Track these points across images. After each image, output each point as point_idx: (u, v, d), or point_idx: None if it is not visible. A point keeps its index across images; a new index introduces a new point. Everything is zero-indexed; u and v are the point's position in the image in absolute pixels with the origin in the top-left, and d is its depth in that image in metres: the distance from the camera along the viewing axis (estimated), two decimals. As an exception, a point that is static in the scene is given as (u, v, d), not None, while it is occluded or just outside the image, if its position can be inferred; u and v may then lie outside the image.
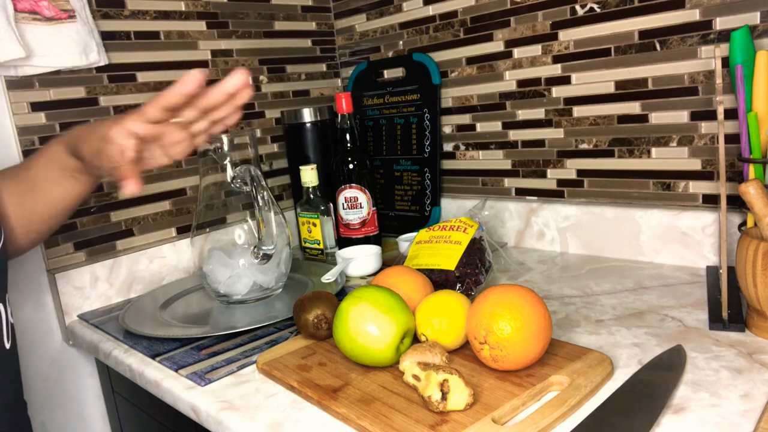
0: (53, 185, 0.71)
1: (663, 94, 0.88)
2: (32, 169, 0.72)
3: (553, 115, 1.00)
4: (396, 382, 0.60)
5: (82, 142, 0.65)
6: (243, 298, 0.88)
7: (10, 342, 0.59)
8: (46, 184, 0.71)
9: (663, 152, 0.89)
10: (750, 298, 0.63)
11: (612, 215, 0.95)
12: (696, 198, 0.88)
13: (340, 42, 1.34)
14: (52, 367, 0.97)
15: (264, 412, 0.60)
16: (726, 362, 0.59)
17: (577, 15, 0.94)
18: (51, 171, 0.71)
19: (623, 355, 0.63)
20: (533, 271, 0.93)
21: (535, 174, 1.06)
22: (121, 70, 1.02)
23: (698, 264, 0.87)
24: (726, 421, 0.50)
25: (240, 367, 0.70)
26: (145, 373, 0.74)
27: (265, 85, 1.22)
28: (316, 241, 1.09)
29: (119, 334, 0.85)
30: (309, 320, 0.71)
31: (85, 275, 0.97)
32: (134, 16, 1.03)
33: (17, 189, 0.71)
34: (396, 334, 0.61)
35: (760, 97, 0.69)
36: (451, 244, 0.82)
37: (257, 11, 1.20)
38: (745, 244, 0.62)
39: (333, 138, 1.17)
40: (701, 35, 0.82)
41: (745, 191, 0.62)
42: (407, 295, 0.70)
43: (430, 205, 1.18)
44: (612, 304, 0.77)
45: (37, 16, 0.90)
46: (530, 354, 0.57)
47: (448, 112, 1.16)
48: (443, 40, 1.14)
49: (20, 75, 0.91)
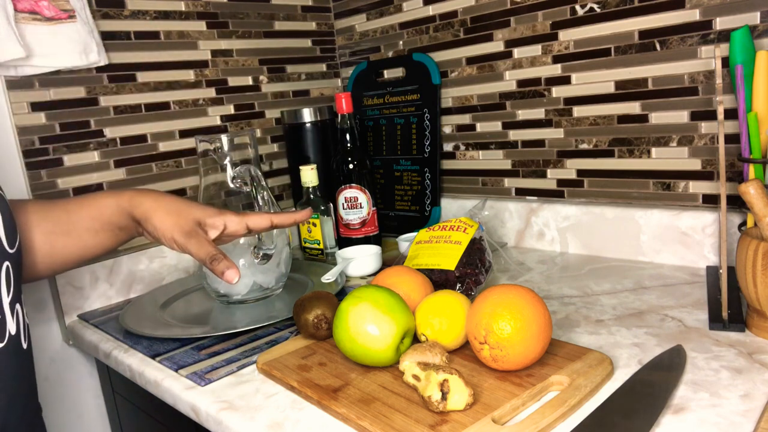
0: (90, 235, 0.69)
1: (663, 94, 0.88)
2: (74, 214, 0.69)
3: (553, 115, 1.00)
4: (396, 382, 0.60)
5: (152, 214, 0.66)
6: (243, 298, 0.88)
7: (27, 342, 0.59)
8: (83, 233, 0.69)
9: (663, 152, 0.89)
10: (750, 298, 0.63)
11: (612, 215, 0.95)
12: (696, 198, 0.88)
13: (340, 42, 1.34)
14: (52, 367, 0.97)
15: (264, 412, 0.60)
16: (726, 362, 0.59)
17: (577, 15, 0.94)
18: (94, 223, 0.69)
19: (623, 355, 0.63)
20: (533, 271, 0.93)
21: (535, 174, 1.06)
22: (121, 70, 1.02)
23: (698, 264, 0.87)
24: (726, 421, 0.50)
25: (240, 367, 0.70)
26: (145, 373, 0.74)
27: (265, 85, 1.22)
28: (316, 241, 1.09)
29: (119, 334, 0.85)
30: (309, 320, 0.71)
31: (85, 275, 0.97)
32: (134, 16, 1.03)
33: (51, 228, 0.68)
34: (396, 334, 0.61)
35: (760, 97, 0.69)
36: (451, 244, 0.82)
37: (257, 11, 1.20)
38: (745, 244, 0.62)
39: (333, 138, 1.17)
40: (701, 35, 0.82)
41: (745, 191, 0.62)
42: (407, 295, 0.70)
43: (430, 205, 1.18)
44: (612, 304, 0.77)
45: (37, 16, 0.90)
46: (530, 354, 0.57)
47: (448, 112, 1.16)
48: (443, 40, 1.14)
49: (20, 75, 0.91)
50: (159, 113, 1.07)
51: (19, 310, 0.58)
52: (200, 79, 1.12)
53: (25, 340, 0.59)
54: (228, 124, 1.17)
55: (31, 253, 0.67)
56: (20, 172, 0.93)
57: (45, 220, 0.68)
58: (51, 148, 0.95)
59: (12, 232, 0.58)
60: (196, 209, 0.68)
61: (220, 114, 1.15)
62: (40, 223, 0.68)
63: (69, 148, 0.97)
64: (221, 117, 1.16)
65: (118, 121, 1.02)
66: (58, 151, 0.96)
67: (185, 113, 1.11)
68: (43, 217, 0.68)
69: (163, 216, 0.66)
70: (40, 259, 0.68)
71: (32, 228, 0.68)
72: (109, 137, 1.02)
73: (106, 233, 0.70)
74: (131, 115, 1.04)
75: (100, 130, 1.01)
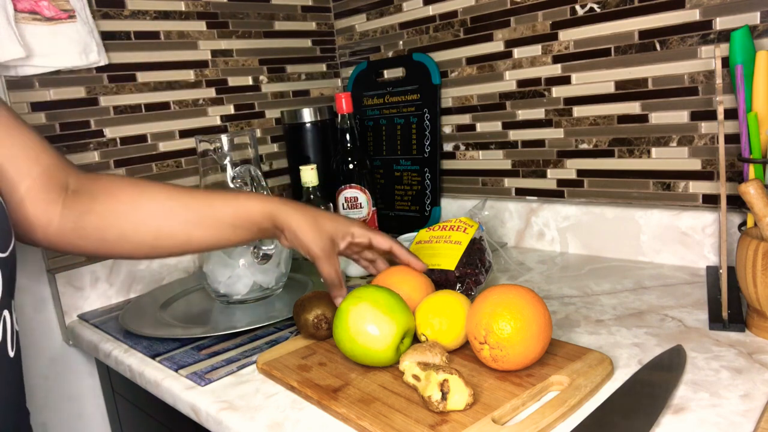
0: (231, 230, 0.71)
1: (663, 94, 0.88)
2: (218, 210, 0.71)
3: (553, 115, 1.00)
4: (396, 382, 0.60)
5: (297, 226, 0.71)
6: (243, 298, 0.88)
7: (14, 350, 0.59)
8: (225, 228, 0.71)
9: (663, 152, 0.89)
10: (750, 298, 0.63)
11: (612, 215, 0.95)
12: (696, 198, 0.88)
13: (340, 42, 1.34)
14: (52, 367, 0.97)
15: (264, 412, 0.60)
16: (726, 362, 0.59)
17: (577, 15, 0.94)
18: (237, 221, 0.71)
19: (623, 355, 0.63)
20: (533, 271, 0.93)
21: (535, 174, 1.06)
22: (121, 70, 1.02)
23: (698, 264, 0.87)
24: (726, 421, 0.50)
25: (240, 367, 0.70)
26: (145, 373, 0.74)
27: (265, 85, 1.22)
28: (316, 241, 1.09)
29: (119, 334, 0.85)
30: (309, 320, 0.71)
31: (85, 275, 0.97)
32: (134, 16, 1.03)
33: (194, 220, 0.70)
34: (396, 334, 0.61)
35: (760, 97, 0.69)
36: (451, 244, 0.82)
37: (257, 11, 1.20)
38: (745, 244, 0.62)
39: (333, 138, 1.17)
40: (701, 35, 0.82)
41: (745, 191, 0.62)
42: (407, 295, 0.70)
43: (430, 205, 1.18)
44: (612, 304, 0.77)
45: (37, 16, 0.90)
46: (530, 354, 0.57)
47: (448, 112, 1.16)
48: (443, 40, 1.14)
49: (20, 75, 0.91)
50: (159, 113, 1.07)
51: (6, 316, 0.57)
52: (200, 79, 1.12)
53: (13, 348, 0.58)
54: (228, 124, 1.17)
55: (168, 239, 0.70)
56: (20, 172, 0.93)
57: (186, 209, 0.70)
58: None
59: (5, 236, 0.56)
60: (328, 223, 0.73)
61: (220, 114, 1.15)
62: (179, 212, 0.70)
63: (69, 148, 0.97)
64: (221, 117, 1.16)
65: (118, 121, 1.02)
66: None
67: (185, 113, 1.11)
68: (185, 207, 0.70)
69: (306, 229, 0.71)
70: (176, 246, 0.71)
71: (171, 216, 0.69)
72: (109, 137, 1.02)
73: (245, 230, 0.72)
74: (131, 115, 1.04)
75: (100, 130, 1.01)
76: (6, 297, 0.57)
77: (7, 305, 0.57)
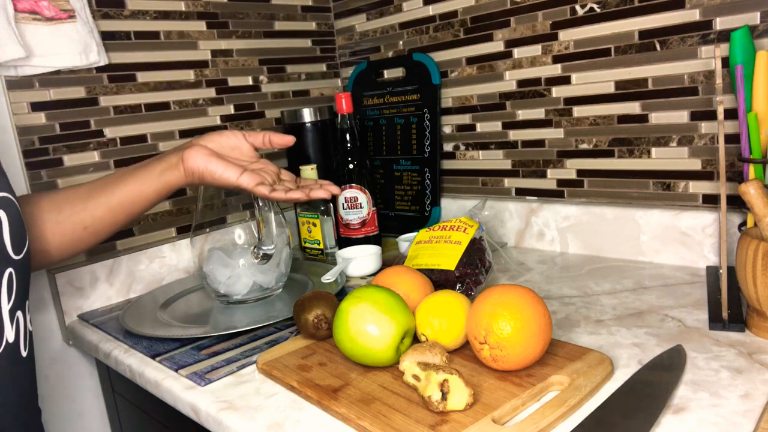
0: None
1: (663, 94, 0.88)
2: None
3: (553, 115, 1.00)
4: (396, 382, 0.60)
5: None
6: (243, 298, 0.88)
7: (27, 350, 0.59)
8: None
9: (663, 152, 0.89)
10: (750, 298, 0.63)
11: (612, 215, 0.95)
12: (696, 198, 0.88)
13: (340, 42, 1.34)
14: (52, 367, 0.97)
15: (264, 412, 0.60)
16: (726, 362, 0.59)
17: (577, 15, 0.94)
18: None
19: (623, 355, 0.63)
20: (533, 271, 0.93)
21: (535, 174, 1.06)
22: (121, 70, 1.02)
23: (698, 264, 0.87)
24: (726, 421, 0.50)
25: (240, 367, 0.70)
26: (145, 373, 0.74)
27: (265, 85, 1.22)
28: (316, 241, 1.09)
29: (119, 334, 0.85)
30: (309, 320, 0.71)
31: (85, 275, 0.97)
32: (134, 16, 1.03)
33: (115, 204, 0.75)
34: (396, 334, 0.61)
35: (760, 97, 0.69)
36: (451, 244, 0.82)
37: (257, 11, 1.20)
38: (745, 244, 0.62)
39: (333, 138, 1.17)
40: (701, 35, 0.82)
41: (745, 191, 0.62)
42: (407, 295, 0.70)
43: (430, 205, 1.18)
44: (612, 304, 0.77)
45: (37, 16, 0.90)
46: (530, 354, 0.57)
47: (448, 112, 1.16)
48: (443, 40, 1.14)
49: (20, 75, 0.91)
50: (159, 113, 1.07)
51: (20, 317, 0.57)
52: (200, 79, 1.12)
53: (26, 348, 0.59)
54: (228, 124, 1.17)
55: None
56: (20, 172, 0.93)
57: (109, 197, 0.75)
58: (51, 148, 0.96)
59: (21, 239, 0.58)
60: (218, 148, 0.75)
61: (220, 114, 1.15)
62: (102, 201, 0.74)
63: (69, 148, 0.97)
64: (221, 117, 1.16)
65: (118, 121, 1.02)
66: (58, 151, 0.96)
67: (185, 113, 1.11)
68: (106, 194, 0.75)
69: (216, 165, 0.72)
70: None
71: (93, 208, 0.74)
72: (109, 137, 1.02)
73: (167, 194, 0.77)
74: (131, 115, 1.04)
75: (100, 130, 1.01)
76: (20, 298, 0.57)
77: (21, 306, 0.58)
